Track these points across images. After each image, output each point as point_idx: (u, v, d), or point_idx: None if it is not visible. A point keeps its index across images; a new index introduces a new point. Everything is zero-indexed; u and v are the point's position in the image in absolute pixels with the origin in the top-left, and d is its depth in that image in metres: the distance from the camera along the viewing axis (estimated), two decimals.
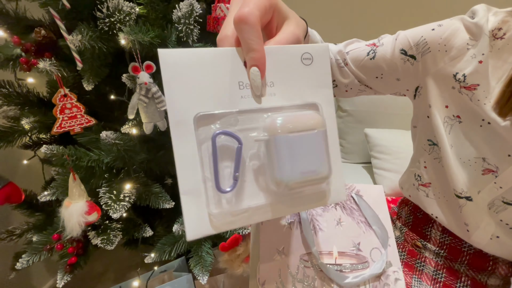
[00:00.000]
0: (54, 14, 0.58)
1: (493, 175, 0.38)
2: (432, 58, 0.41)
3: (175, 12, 0.61)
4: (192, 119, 0.21)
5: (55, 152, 0.59)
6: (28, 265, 0.66)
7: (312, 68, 0.24)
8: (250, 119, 0.22)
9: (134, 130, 0.64)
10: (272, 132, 0.21)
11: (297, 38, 0.24)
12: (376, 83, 0.49)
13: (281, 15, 0.24)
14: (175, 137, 0.20)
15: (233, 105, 0.22)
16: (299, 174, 0.21)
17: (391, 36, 0.46)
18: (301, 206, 0.24)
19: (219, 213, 0.21)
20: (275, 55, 0.23)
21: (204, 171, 0.21)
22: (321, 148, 0.22)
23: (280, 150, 0.21)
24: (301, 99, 0.24)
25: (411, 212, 0.54)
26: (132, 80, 0.62)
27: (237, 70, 0.22)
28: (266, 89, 0.23)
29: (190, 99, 0.21)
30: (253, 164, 0.22)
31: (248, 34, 0.21)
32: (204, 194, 0.21)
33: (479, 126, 0.38)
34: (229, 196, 0.22)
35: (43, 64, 0.58)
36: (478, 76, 0.37)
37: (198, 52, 0.21)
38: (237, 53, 0.22)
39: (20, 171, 1.04)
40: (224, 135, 0.21)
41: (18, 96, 0.72)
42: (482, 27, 0.37)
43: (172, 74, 0.20)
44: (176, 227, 0.68)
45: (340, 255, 0.36)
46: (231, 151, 0.22)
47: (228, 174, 0.22)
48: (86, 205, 0.62)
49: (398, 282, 0.36)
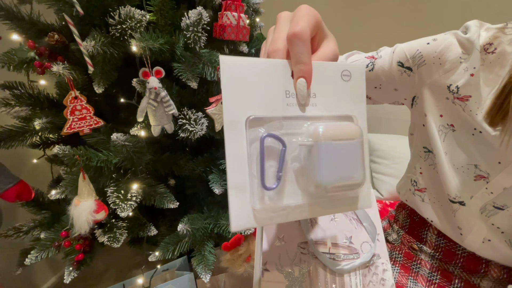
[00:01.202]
0: (68, 20, 0.60)
1: (484, 181, 0.40)
2: (427, 70, 0.43)
3: (184, 19, 0.64)
4: (244, 120, 0.23)
5: (67, 152, 0.61)
6: (37, 261, 0.68)
7: (350, 84, 0.27)
8: (294, 125, 0.24)
9: (142, 132, 0.67)
10: (316, 138, 0.23)
11: (336, 55, 0.27)
12: (375, 93, 0.51)
13: (323, 33, 0.27)
14: (228, 135, 0.22)
15: (280, 111, 0.24)
16: (338, 179, 0.23)
17: (389, 49, 0.49)
18: (334, 209, 0.26)
19: (261, 209, 0.23)
20: (318, 70, 0.25)
21: (251, 169, 0.23)
22: (358, 157, 0.24)
23: (322, 155, 0.23)
24: (339, 111, 0.26)
25: (408, 216, 0.56)
26: (141, 85, 0.64)
27: (285, 80, 0.24)
28: (310, 100, 0.25)
29: (244, 103, 0.23)
30: (294, 165, 0.24)
31: (300, 49, 0.23)
32: (250, 190, 0.23)
33: (471, 134, 0.40)
34: (271, 193, 0.23)
35: (56, 67, 0.61)
36: (470, 88, 0.39)
37: (253, 61, 0.23)
38: (287, 65, 0.24)
39: (26, 169, 1.06)
40: (271, 138, 0.23)
41: (29, 97, 0.74)
42: (473, 42, 0.39)
43: (230, 79, 0.23)
44: (181, 226, 0.70)
45: (334, 246, 0.38)
46: (275, 153, 0.24)
47: (271, 174, 0.24)
48: (95, 203, 0.64)
49: (385, 272, 0.39)
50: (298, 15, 0.24)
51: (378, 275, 0.39)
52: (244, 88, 0.23)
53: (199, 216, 0.78)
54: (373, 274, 0.38)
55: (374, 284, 0.38)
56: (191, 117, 0.68)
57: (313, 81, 0.25)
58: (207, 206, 0.84)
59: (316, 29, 0.25)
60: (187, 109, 0.70)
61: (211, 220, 0.77)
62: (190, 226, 0.71)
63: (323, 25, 0.27)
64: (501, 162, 0.38)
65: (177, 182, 0.92)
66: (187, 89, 0.75)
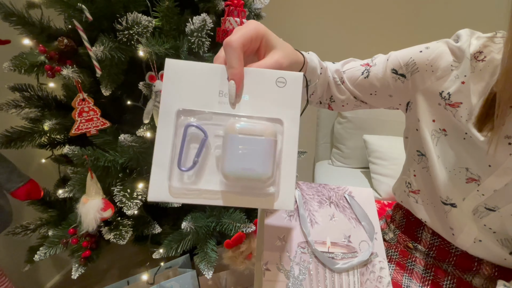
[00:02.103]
0: (77, 26, 0.63)
1: (475, 184, 0.41)
2: (420, 77, 0.45)
3: (188, 25, 0.66)
4: (175, 112, 0.27)
5: (76, 152, 0.63)
6: (45, 257, 0.70)
7: (284, 90, 0.29)
8: (222, 120, 0.28)
9: (148, 133, 0.69)
10: (227, 131, 0.27)
11: (279, 65, 0.31)
12: (370, 99, 0.53)
13: (268, 44, 0.31)
14: (160, 124, 0.27)
15: (211, 107, 0.28)
16: (240, 169, 0.27)
17: (384, 56, 0.50)
18: (247, 202, 0.28)
19: (177, 186, 0.27)
20: (253, 75, 0.29)
21: (174, 152, 0.27)
22: (265, 153, 0.27)
23: (228, 146, 0.27)
24: (269, 113, 0.29)
25: (404, 216, 0.57)
26: (147, 88, 0.67)
27: (221, 82, 0.28)
28: (241, 100, 0.29)
29: (177, 97, 0.27)
30: (216, 153, 0.28)
31: (231, 55, 0.27)
32: (169, 169, 0.27)
33: (463, 139, 0.41)
34: (190, 175, 0.27)
35: (66, 71, 0.63)
36: (461, 95, 0.40)
37: (193, 64, 0.28)
38: (224, 69, 0.28)
39: (32, 169, 1.09)
40: (194, 127, 0.27)
41: (39, 99, 0.77)
42: (464, 51, 0.40)
43: (169, 77, 0.27)
44: (185, 224, 0.72)
45: (333, 245, 0.40)
46: (199, 140, 0.28)
47: (190, 159, 0.27)
48: (102, 202, 0.66)
49: (382, 270, 0.40)
50: (239, 27, 0.29)
51: (375, 273, 0.40)
52: (180, 85, 0.27)
53: (201, 214, 0.80)
54: (370, 272, 0.39)
55: (371, 282, 0.39)
56: None
57: (248, 84, 0.29)
58: (209, 205, 0.86)
59: (255, 40, 0.29)
60: None
61: (213, 218, 0.80)
62: (194, 224, 0.73)
63: (270, 38, 0.31)
64: (491, 165, 0.39)
65: None
66: None
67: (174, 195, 0.27)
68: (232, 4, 0.74)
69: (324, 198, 0.44)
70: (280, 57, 0.31)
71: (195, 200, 0.27)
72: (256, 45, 0.30)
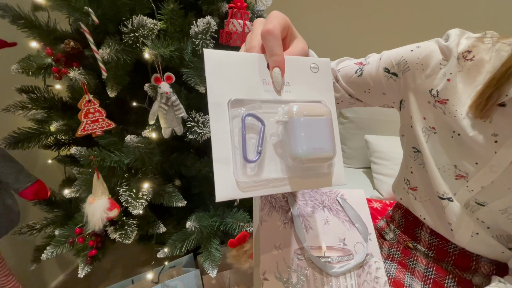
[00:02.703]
0: (84, 29, 0.64)
1: (464, 180, 0.42)
2: (411, 76, 0.46)
3: (192, 27, 0.67)
4: (226, 102, 0.26)
5: (83, 153, 0.64)
6: (52, 256, 0.71)
7: (318, 75, 0.31)
8: (271, 107, 0.28)
9: (153, 134, 0.70)
10: (291, 115, 0.27)
11: (305, 52, 0.32)
12: (364, 96, 0.54)
13: (293, 34, 0.32)
14: (212, 115, 0.25)
15: (258, 95, 0.27)
16: (311, 150, 0.26)
17: (377, 55, 0.51)
18: (311, 184, 0.29)
19: (244, 181, 0.25)
20: (290, 62, 0.29)
21: (233, 144, 0.26)
22: (328, 132, 0.28)
23: (296, 129, 0.26)
24: (310, 97, 0.30)
25: (403, 216, 0.58)
26: (153, 89, 0.68)
27: (261, 70, 0.28)
28: (284, 87, 0.29)
29: (225, 87, 0.26)
30: (272, 141, 0.28)
31: (273, 43, 0.27)
32: (233, 163, 0.25)
33: (451, 137, 0.43)
34: (253, 166, 0.26)
35: (73, 73, 0.64)
36: (447, 92, 0.42)
37: (233, 54, 0.27)
38: (263, 58, 0.28)
39: (37, 170, 1.10)
40: (250, 117, 0.27)
41: (45, 101, 0.78)
42: (452, 50, 0.41)
43: (212, 68, 0.26)
44: (189, 224, 0.73)
45: (328, 249, 0.40)
46: (255, 130, 0.27)
47: (252, 149, 0.26)
48: (108, 201, 0.68)
49: (378, 270, 0.41)
50: (270, 17, 0.29)
51: (372, 273, 0.40)
52: (224, 76, 0.26)
53: (205, 214, 0.81)
54: (367, 273, 0.40)
55: (368, 283, 0.39)
56: (199, 119, 0.72)
57: (286, 72, 0.29)
58: (212, 205, 0.87)
59: (285, 29, 0.30)
60: (195, 112, 0.73)
61: (217, 218, 0.80)
62: (198, 224, 0.74)
63: (293, 28, 0.32)
64: (478, 163, 0.40)
65: (183, 183, 0.95)
66: (193, 93, 0.78)
67: (243, 189, 0.25)
68: (235, 7, 0.75)
69: (317, 203, 0.44)
70: (304, 45, 0.32)
71: (264, 191, 0.26)
72: (285, 33, 0.30)
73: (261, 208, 0.40)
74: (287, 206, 0.42)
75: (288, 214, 0.41)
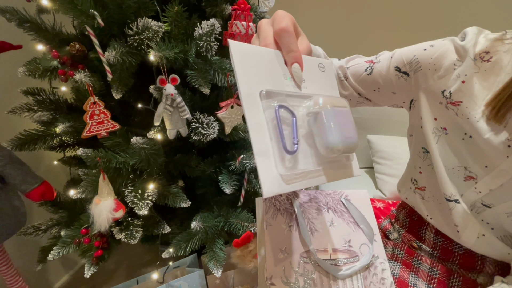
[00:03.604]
0: (89, 31, 0.65)
1: (473, 181, 0.42)
2: (423, 75, 0.45)
3: (196, 30, 0.68)
4: (258, 93, 0.25)
5: (89, 154, 0.65)
6: (59, 256, 0.72)
7: (325, 74, 0.32)
8: (295, 101, 0.28)
9: (158, 135, 0.71)
10: (322, 106, 0.27)
11: (310, 49, 0.33)
12: (374, 95, 0.53)
13: (298, 31, 0.32)
14: (246, 106, 0.24)
15: (283, 88, 0.28)
16: (344, 138, 0.27)
17: (388, 54, 0.50)
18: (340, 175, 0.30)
19: (285, 174, 0.24)
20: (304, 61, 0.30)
21: (271, 136, 0.25)
22: (352, 122, 0.29)
23: (329, 120, 0.27)
24: (323, 93, 0.31)
25: (407, 215, 0.58)
26: (158, 91, 0.69)
27: (281, 66, 0.28)
28: (302, 83, 0.30)
29: (255, 78, 0.26)
30: (301, 131, 0.27)
31: (289, 39, 0.28)
32: (272, 155, 0.24)
33: (462, 139, 0.42)
34: (290, 158, 0.25)
35: (79, 75, 0.65)
36: (461, 94, 0.40)
37: (256, 48, 0.27)
38: (280, 55, 0.29)
39: (41, 171, 1.11)
40: (282, 108, 0.26)
41: (51, 103, 0.79)
42: (468, 50, 0.39)
43: (241, 58, 0.25)
44: (194, 224, 0.74)
45: (334, 251, 0.40)
46: (286, 122, 0.27)
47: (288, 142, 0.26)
48: (114, 202, 0.68)
49: (384, 271, 0.41)
50: (279, 16, 0.29)
51: (378, 275, 0.40)
52: (253, 66, 0.26)
53: (210, 214, 0.82)
54: (373, 275, 0.40)
55: (374, 284, 0.39)
56: (204, 121, 0.72)
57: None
58: (216, 205, 0.88)
59: (295, 27, 0.30)
60: (199, 113, 0.74)
61: (221, 218, 0.81)
62: (203, 224, 0.75)
63: (297, 25, 0.32)
64: (487, 166, 0.40)
65: (186, 184, 0.96)
66: (198, 94, 0.79)
67: (287, 182, 0.24)
68: (239, 9, 0.76)
69: (321, 204, 0.44)
70: (308, 42, 0.33)
71: (305, 183, 0.26)
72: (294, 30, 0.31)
73: (265, 211, 0.40)
74: (291, 209, 0.42)
75: (293, 217, 0.41)
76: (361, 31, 1.43)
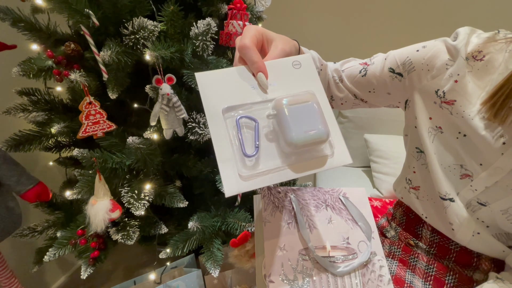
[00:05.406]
0: (85, 31, 0.64)
1: (469, 179, 0.43)
2: (417, 76, 0.45)
3: (192, 29, 0.67)
4: (220, 111, 0.30)
5: (85, 155, 0.65)
6: (55, 258, 0.72)
7: (301, 70, 0.34)
8: (262, 107, 0.31)
9: (155, 135, 0.70)
10: (278, 108, 0.29)
11: (284, 52, 0.35)
12: (369, 96, 0.54)
13: (269, 38, 0.35)
14: (211, 125, 0.29)
15: (249, 99, 0.31)
16: (303, 133, 0.28)
17: (383, 55, 0.51)
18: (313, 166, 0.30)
19: (247, 174, 0.28)
20: (273, 66, 0.33)
21: (232, 145, 0.29)
22: (316, 115, 0.30)
23: (285, 118, 0.29)
24: (298, 90, 0.32)
25: (404, 213, 0.58)
26: (154, 91, 0.68)
27: (248, 78, 0.32)
28: (270, 88, 0.32)
29: (217, 100, 0.30)
30: (267, 135, 0.30)
31: (250, 53, 0.31)
32: (234, 161, 0.28)
33: (456, 138, 0.42)
34: (253, 160, 0.29)
35: (74, 75, 0.65)
36: (454, 93, 0.41)
37: (220, 72, 0.32)
38: (246, 69, 0.33)
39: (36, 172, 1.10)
40: (244, 118, 0.30)
41: (46, 103, 0.78)
42: (459, 50, 0.40)
43: (204, 88, 0.30)
44: (191, 224, 0.73)
45: (333, 248, 0.40)
46: (251, 128, 0.30)
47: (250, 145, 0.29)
48: (110, 203, 0.68)
49: (382, 268, 0.41)
50: (243, 33, 0.33)
51: (376, 272, 0.41)
52: (216, 90, 0.31)
53: (207, 214, 0.82)
54: (371, 272, 0.40)
55: (372, 282, 0.40)
56: (200, 120, 0.72)
57: (270, 74, 0.32)
58: (213, 205, 0.87)
59: (259, 39, 0.34)
60: (195, 113, 0.74)
61: (218, 218, 0.81)
62: (200, 224, 0.75)
63: (268, 33, 0.35)
64: (482, 163, 0.40)
65: (183, 184, 0.95)
66: (194, 94, 0.78)
67: (246, 180, 0.28)
68: (235, 8, 0.76)
69: (320, 201, 0.44)
70: (282, 45, 0.35)
71: (268, 181, 0.28)
72: (260, 42, 0.34)
73: (264, 209, 0.40)
74: (290, 206, 0.42)
75: (291, 214, 0.41)
76: (357, 34, 1.44)
